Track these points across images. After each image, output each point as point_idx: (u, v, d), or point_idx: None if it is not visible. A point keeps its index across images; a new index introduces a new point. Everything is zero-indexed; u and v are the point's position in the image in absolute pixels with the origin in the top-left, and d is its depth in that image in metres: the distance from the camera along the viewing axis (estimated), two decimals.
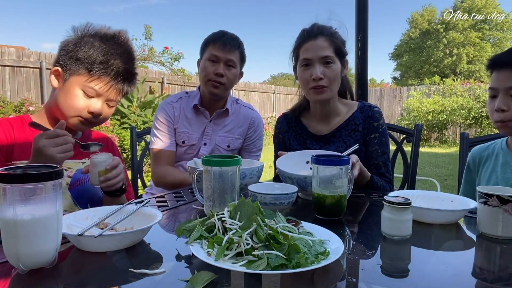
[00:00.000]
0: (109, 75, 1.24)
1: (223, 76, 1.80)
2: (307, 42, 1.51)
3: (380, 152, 1.57)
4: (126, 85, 1.31)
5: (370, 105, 1.62)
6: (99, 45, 1.24)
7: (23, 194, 0.67)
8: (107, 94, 1.26)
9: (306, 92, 1.57)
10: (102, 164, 1.19)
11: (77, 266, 0.76)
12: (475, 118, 11.21)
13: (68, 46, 1.25)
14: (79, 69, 1.22)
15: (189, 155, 1.89)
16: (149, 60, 7.55)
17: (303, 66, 1.53)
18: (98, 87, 1.24)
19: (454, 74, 26.77)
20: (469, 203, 1.06)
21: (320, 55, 1.48)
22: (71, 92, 1.23)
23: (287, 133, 1.72)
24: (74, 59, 1.22)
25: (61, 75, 1.25)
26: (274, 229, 0.73)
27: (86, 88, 1.23)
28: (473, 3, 28.75)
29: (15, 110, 5.68)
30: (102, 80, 1.24)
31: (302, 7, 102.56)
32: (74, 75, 1.23)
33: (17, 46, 6.95)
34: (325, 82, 1.49)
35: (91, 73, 1.22)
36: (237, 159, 0.97)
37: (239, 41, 1.85)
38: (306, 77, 1.52)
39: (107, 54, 1.24)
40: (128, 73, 1.30)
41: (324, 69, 1.49)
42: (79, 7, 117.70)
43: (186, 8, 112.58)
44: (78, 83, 1.23)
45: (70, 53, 1.23)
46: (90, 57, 1.21)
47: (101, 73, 1.22)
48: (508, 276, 0.72)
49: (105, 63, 1.23)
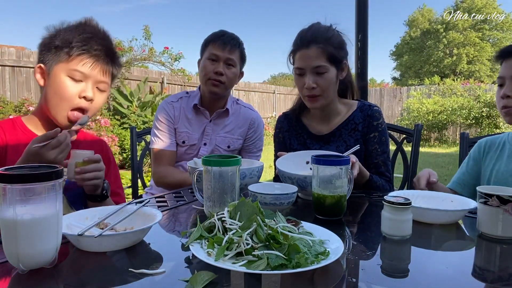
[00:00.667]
0: (90, 53, 1.24)
1: (223, 74, 1.80)
2: (300, 51, 1.50)
3: (380, 151, 1.57)
4: (110, 65, 1.30)
5: (370, 104, 1.62)
6: (72, 29, 1.25)
7: (23, 194, 0.67)
8: (93, 74, 1.25)
9: (303, 97, 1.59)
10: (79, 155, 1.16)
11: (77, 266, 0.76)
12: (475, 118, 11.21)
13: (45, 40, 1.26)
14: (60, 55, 1.22)
15: (189, 155, 1.89)
16: (149, 60, 7.55)
17: (297, 74, 1.54)
18: (82, 68, 1.23)
19: (454, 74, 26.75)
20: (469, 203, 1.06)
21: (312, 65, 1.47)
22: (58, 81, 1.22)
23: (287, 132, 1.73)
24: (53, 48, 1.23)
25: (44, 71, 1.25)
26: (274, 229, 0.73)
27: (71, 72, 1.22)
28: (473, 3, 28.75)
29: (15, 110, 5.68)
30: (84, 60, 1.23)
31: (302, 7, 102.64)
32: (57, 64, 1.23)
33: (17, 46, 6.95)
34: (317, 91, 1.49)
35: (71, 54, 1.21)
36: (237, 159, 0.97)
37: (239, 41, 1.86)
38: (300, 85, 1.54)
39: (83, 34, 1.24)
40: (109, 51, 1.29)
41: (316, 78, 1.48)
42: (79, 7, 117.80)
43: (186, 8, 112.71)
44: (62, 69, 1.22)
45: (48, 45, 1.24)
46: (67, 40, 1.22)
47: (81, 51, 1.22)
48: (508, 276, 0.72)
49: (82, 41, 1.23)
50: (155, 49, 7.47)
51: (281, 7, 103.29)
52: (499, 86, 1.41)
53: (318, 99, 1.52)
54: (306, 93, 1.52)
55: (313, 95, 1.50)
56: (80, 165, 1.16)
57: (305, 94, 1.53)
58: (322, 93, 1.50)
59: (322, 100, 1.53)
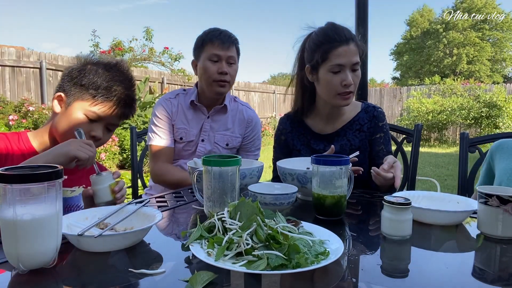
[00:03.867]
0: (112, 100, 1.29)
1: (227, 74, 1.80)
2: (341, 47, 1.46)
3: (386, 151, 1.59)
4: (126, 109, 1.37)
5: (374, 106, 1.65)
6: (102, 73, 1.30)
7: (23, 194, 0.67)
8: (108, 118, 1.31)
9: (331, 96, 1.52)
10: (107, 177, 1.17)
11: (77, 266, 0.76)
12: (475, 118, 11.21)
13: (73, 72, 1.30)
14: (83, 94, 1.27)
15: (187, 152, 1.88)
16: (149, 60, 7.55)
17: (332, 72, 1.48)
18: (100, 111, 1.28)
19: (454, 74, 26.76)
20: (472, 205, 1.04)
21: (353, 61, 1.47)
22: (74, 116, 1.27)
23: (290, 133, 1.71)
24: (79, 85, 1.28)
25: (64, 101, 1.29)
26: (274, 229, 0.73)
27: (88, 112, 1.27)
28: (473, 3, 28.75)
29: (15, 110, 5.68)
30: (104, 105, 1.29)
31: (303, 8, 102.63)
32: (78, 100, 1.27)
33: (17, 46, 6.96)
34: (352, 88, 1.50)
35: (95, 98, 1.27)
36: (237, 159, 0.97)
37: (234, 36, 1.85)
38: (336, 82, 1.48)
39: (111, 81, 1.30)
40: (129, 99, 1.36)
41: (352, 74, 1.49)
42: (79, 7, 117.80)
43: (185, 8, 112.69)
44: (81, 107, 1.27)
45: (74, 79, 1.29)
46: (94, 83, 1.27)
47: (104, 98, 1.28)
48: (508, 276, 0.72)
49: (108, 89, 1.29)
50: (155, 49, 7.48)
51: (281, 7, 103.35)
52: None
53: (350, 97, 1.52)
54: (341, 90, 1.49)
55: (349, 91, 1.50)
56: (114, 185, 1.18)
57: (340, 92, 1.49)
58: (354, 90, 1.52)
59: (352, 97, 1.53)
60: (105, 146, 5.88)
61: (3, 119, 5.31)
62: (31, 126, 5.40)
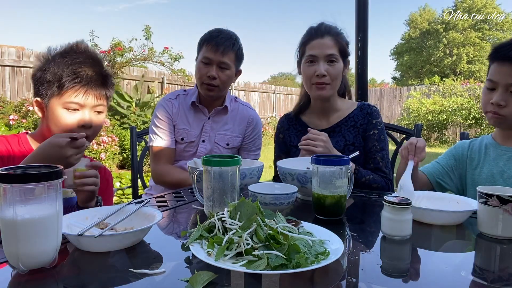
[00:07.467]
0: (81, 83, 1.26)
1: (216, 78, 1.77)
2: (314, 40, 1.57)
3: (379, 148, 1.62)
4: (103, 88, 1.32)
5: (369, 104, 1.70)
6: (60, 61, 1.27)
7: (23, 194, 0.67)
8: (88, 102, 1.28)
9: (309, 87, 1.62)
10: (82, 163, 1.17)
11: (77, 266, 0.76)
12: (475, 118, 11.20)
13: (37, 74, 1.28)
14: (53, 90, 1.25)
15: (188, 152, 1.88)
16: (149, 60, 7.55)
17: (308, 62, 1.58)
18: (76, 99, 1.26)
19: (454, 74, 26.76)
20: (472, 205, 1.04)
21: (326, 53, 1.54)
22: (56, 114, 1.26)
23: (287, 131, 1.76)
24: (45, 82, 1.26)
25: (42, 104, 1.29)
26: (274, 229, 0.73)
27: (66, 105, 1.25)
28: (473, 3, 28.75)
29: (15, 110, 5.67)
30: (76, 90, 1.26)
31: (303, 7, 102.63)
32: (52, 98, 1.26)
33: (17, 46, 6.94)
34: (327, 80, 1.55)
35: (63, 88, 1.24)
36: (237, 159, 0.97)
37: (234, 41, 1.80)
38: (310, 72, 1.57)
39: (71, 65, 1.26)
40: (100, 76, 1.31)
41: (328, 67, 1.55)
42: (79, 7, 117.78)
43: (185, 7, 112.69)
44: (57, 103, 1.26)
45: (40, 79, 1.27)
46: (56, 74, 1.25)
47: (72, 84, 1.25)
48: (508, 276, 0.72)
49: (72, 73, 1.25)
50: (155, 49, 7.48)
51: (282, 8, 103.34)
52: (489, 89, 1.36)
53: (326, 88, 1.57)
54: (315, 80, 1.56)
55: (322, 82, 1.55)
56: (78, 171, 1.17)
57: (314, 82, 1.57)
58: (331, 82, 1.56)
59: (329, 89, 1.58)
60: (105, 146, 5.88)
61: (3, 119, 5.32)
62: (31, 126, 5.40)
